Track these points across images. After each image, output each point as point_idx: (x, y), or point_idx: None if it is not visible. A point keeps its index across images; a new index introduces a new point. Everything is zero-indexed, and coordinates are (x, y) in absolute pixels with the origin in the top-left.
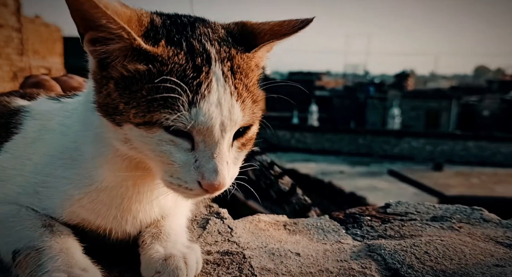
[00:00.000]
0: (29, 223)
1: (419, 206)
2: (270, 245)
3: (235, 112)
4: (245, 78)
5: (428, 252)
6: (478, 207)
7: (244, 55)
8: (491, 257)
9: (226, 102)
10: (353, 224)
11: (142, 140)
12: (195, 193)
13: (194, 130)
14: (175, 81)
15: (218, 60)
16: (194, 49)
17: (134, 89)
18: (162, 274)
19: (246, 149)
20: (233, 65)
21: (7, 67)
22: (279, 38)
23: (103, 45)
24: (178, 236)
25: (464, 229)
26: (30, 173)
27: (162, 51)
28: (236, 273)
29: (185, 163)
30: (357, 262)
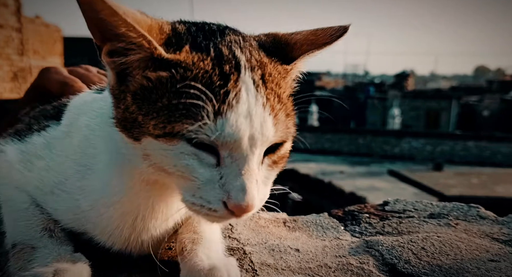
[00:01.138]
0: (33, 222)
1: (417, 204)
2: (270, 241)
3: (267, 127)
4: (278, 88)
5: (424, 247)
6: (475, 205)
7: (280, 66)
8: (487, 252)
9: (257, 115)
10: (352, 221)
11: (162, 153)
12: (219, 215)
13: (219, 144)
14: (200, 88)
15: (248, 68)
16: (222, 55)
17: (154, 98)
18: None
19: (278, 167)
20: (264, 74)
21: (7, 67)
22: (319, 48)
23: (122, 56)
24: (218, 245)
25: (460, 226)
26: (54, 171)
27: (186, 57)
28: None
29: (209, 180)
30: (355, 257)
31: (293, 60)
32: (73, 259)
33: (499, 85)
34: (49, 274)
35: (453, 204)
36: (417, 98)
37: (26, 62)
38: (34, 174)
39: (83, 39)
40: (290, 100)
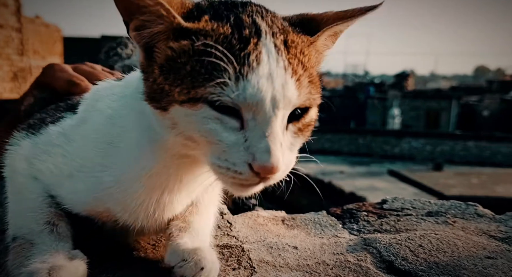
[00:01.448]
0: (37, 215)
1: (415, 202)
2: (269, 239)
3: (289, 88)
4: (301, 55)
5: (422, 245)
6: (473, 203)
7: (304, 36)
8: (483, 249)
9: (279, 76)
10: (350, 219)
11: (187, 119)
12: (244, 178)
13: (242, 107)
14: (220, 51)
15: (270, 33)
16: (242, 21)
17: (178, 67)
18: (189, 262)
19: (304, 135)
20: (287, 40)
21: (7, 67)
22: (344, 21)
23: (146, 29)
24: (206, 237)
25: (458, 224)
26: (72, 154)
27: (205, 25)
28: (235, 265)
29: (234, 143)
30: (353, 254)
31: (318, 31)
32: (70, 256)
33: (499, 85)
34: (44, 270)
35: (451, 202)
36: (417, 98)
37: (26, 62)
38: (50, 162)
39: (83, 39)
40: (316, 71)
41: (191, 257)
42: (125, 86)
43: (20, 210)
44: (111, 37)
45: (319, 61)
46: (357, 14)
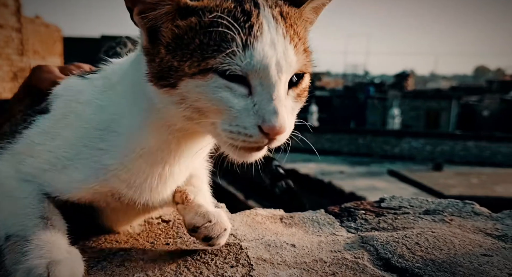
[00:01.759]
0: (29, 211)
1: (412, 200)
2: (267, 237)
3: (289, 54)
4: (295, 25)
5: (419, 243)
6: (470, 201)
7: (294, 8)
8: (480, 247)
9: (280, 43)
10: (348, 217)
11: (198, 90)
12: (255, 140)
13: (250, 74)
14: (227, 23)
15: (267, 5)
16: None
17: (186, 42)
18: (214, 224)
19: (301, 100)
20: (282, 12)
21: (7, 67)
22: None
23: (152, 11)
24: (210, 197)
25: (455, 222)
26: (60, 148)
27: (209, 2)
28: (233, 262)
29: (244, 108)
30: (350, 252)
31: (303, 4)
32: (66, 249)
33: (499, 85)
34: (43, 265)
35: (449, 200)
36: (417, 98)
37: (26, 62)
38: (37, 162)
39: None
40: (306, 40)
41: (215, 218)
42: (108, 78)
43: (11, 209)
44: (111, 37)
45: (307, 32)
46: None
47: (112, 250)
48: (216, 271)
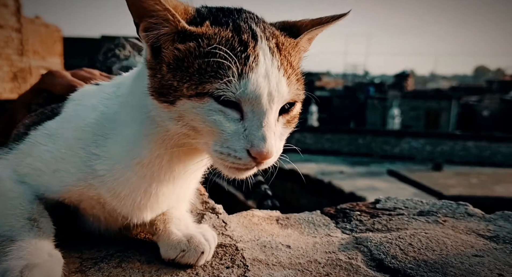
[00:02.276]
0: (18, 212)
1: (407, 202)
2: (262, 238)
3: (282, 85)
4: (289, 56)
5: (412, 243)
6: (464, 202)
7: (289, 38)
8: (471, 248)
9: (273, 75)
10: (343, 218)
11: (194, 111)
12: (243, 162)
13: (243, 101)
14: (224, 52)
15: (264, 37)
16: (240, 27)
17: (186, 66)
18: (188, 251)
19: (291, 126)
20: (278, 43)
21: (7, 67)
22: (322, 26)
23: (154, 30)
24: (187, 220)
25: (448, 223)
26: (59, 148)
27: (207, 29)
28: (229, 263)
29: (235, 132)
30: (344, 253)
31: (299, 35)
32: (48, 252)
33: (499, 85)
34: (18, 268)
35: (443, 201)
36: (417, 98)
37: (26, 62)
38: (35, 162)
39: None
40: (299, 69)
41: (190, 245)
42: (117, 87)
43: (2, 209)
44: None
45: (301, 61)
46: (330, 21)
47: (109, 252)
48: (212, 272)
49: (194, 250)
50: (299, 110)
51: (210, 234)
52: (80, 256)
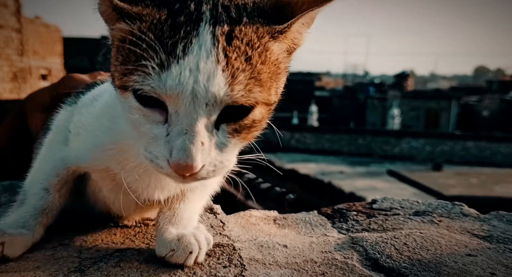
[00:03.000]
0: (41, 178)
1: (403, 202)
2: (260, 238)
3: (215, 83)
4: (250, 49)
5: (407, 243)
6: (459, 203)
7: (265, 27)
8: (465, 247)
9: (206, 69)
10: (340, 218)
11: (121, 105)
12: (166, 173)
13: (166, 99)
14: (148, 39)
15: (210, 21)
16: (182, 8)
17: (120, 50)
18: (177, 251)
19: (242, 137)
20: (233, 30)
21: (7, 67)
22: (320, 5)
23: (99, 7)
24: (189, 220)
25: (443, 223)
26: (86, 117)
27: (141, 9)
28: (226, 263)
29: (156, 136)
30: (340, 253)
31: (289, 20)
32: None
33: (499, 86)
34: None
35: (438, 202)
36: (417, 98)
37: (26, 62)
38: (72, 128)
39: (83, 39)
40: (275, 66)
41: (179, 245)
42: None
43: (37, 167)
44: None
45: (285, 52)
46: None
47: (108, 251)
48: (209, 272)
49: (183, 250)
50: (259, 118)
51: (202, 235)
52: (79, 255)
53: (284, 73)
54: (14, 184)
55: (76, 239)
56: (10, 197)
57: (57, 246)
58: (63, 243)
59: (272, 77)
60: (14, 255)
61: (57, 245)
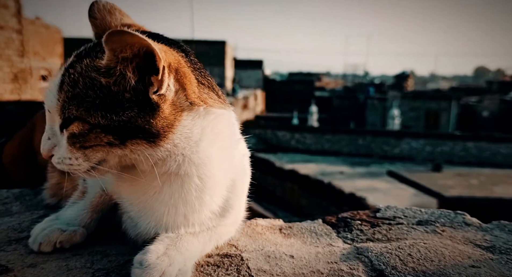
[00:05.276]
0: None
1: (406, 211)
2: (266, 248)
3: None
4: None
5: (411, 254)
6: (461, 212)
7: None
8: (468, 258)
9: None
10: (344, 228)
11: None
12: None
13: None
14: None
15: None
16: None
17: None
18: (136, 268)
19: (78, 144)
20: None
21: (8, 68)
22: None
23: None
24: (185, 257)
25: (446, 233)
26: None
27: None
28: (235, 274)
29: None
30: (346, 263)
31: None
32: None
33: (499, 86)
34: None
35: (441, 211)
36: (417, 99)
37: (26, 63)
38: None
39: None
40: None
41: (142, 264)
42: None
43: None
44: None
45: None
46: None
47: (120, 262)
48: None
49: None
50: (78, 130)
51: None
52: (91, 266)
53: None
54: (25, 192)
55: (88, 250)
56: (22, 205)
57: (69, 256)
58: (77, 253)
59: (82, 95)
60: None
61: (70, 255)
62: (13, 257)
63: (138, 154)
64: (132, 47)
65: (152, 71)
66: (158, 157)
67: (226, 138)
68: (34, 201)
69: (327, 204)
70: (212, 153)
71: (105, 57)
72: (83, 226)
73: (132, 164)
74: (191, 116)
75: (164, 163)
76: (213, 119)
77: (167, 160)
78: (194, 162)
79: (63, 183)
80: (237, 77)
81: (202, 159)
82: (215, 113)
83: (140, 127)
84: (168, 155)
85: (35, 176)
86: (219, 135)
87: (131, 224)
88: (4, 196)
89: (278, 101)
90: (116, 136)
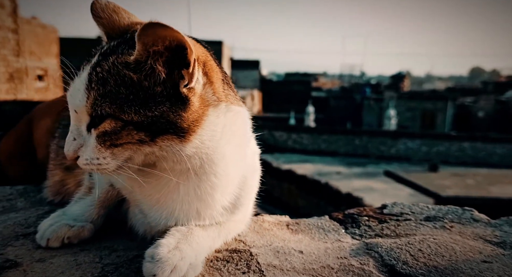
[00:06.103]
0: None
1: (413, 207)
2: (275, 244)
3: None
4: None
5: (421, 249)
6: (469, 208)
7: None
8: (480, 254)
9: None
10: (352, 224)
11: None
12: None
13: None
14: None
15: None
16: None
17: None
18: (148, 261)
19: (109, 142)
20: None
21: (3, 68)
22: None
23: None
24: (196, 252)
25: (455, 228)
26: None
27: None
28: (245, 269)
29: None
30: (356, 259)
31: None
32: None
33: (494, 86)
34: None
35: (448, 207)
36: (413, 99)
37: (22, 63)
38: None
39: (80, 39)
40: (121, 82)
41: (154, 257)
42: None
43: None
44: None
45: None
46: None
47: (128, 257)
48: None
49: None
50: (110, 129)
51: (184, 267)
52: (100, 261)
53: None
54: (28, 188)
55: (96, 245)
56: (26, 201)
57: (77, 251)
58: (84, 248)
59: (116, 92)
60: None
61: (78, 251)
62: (21, 251)
63: (167, 151)
64: (164, 40)
65: (182, 64)
66: (186, 153)
67: (242, 136)
68: (38, 197)
69: (324, 204)
70: (229, 151)
71: (135, 52)
72: (91, 222)
73: (153, 162)
74: (216, 112)
75: (189, 160)
76: (232, 116)
77: (193, 158)
78: (214, 160)
79: (66, 180)
80: (234, 78)
81: (221, 157)
82: (234, 111)
83: (171, 122)
84: (195, 152)
85: (33, 172)
86: (236, 133)
87: (140, 219)
88: (8, 193)
89: (275, 101)
90: (147, 133)
